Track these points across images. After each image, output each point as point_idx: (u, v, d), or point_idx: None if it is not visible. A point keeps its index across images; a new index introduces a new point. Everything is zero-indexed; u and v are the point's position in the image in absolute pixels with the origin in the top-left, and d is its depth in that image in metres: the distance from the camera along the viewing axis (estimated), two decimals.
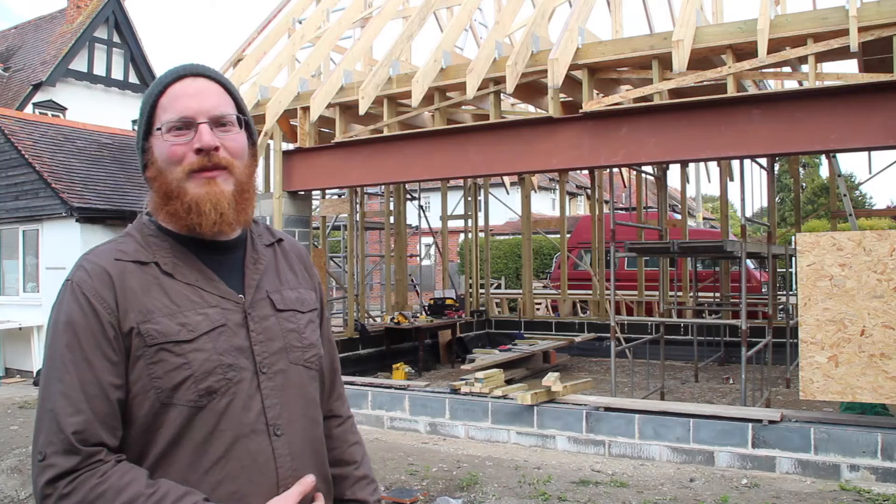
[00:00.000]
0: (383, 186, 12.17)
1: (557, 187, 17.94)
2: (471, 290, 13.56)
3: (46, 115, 15.73)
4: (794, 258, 9.30)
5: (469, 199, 13.60)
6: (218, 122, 1.33)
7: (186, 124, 1.31)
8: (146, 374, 1.24)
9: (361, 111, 7.62)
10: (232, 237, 1.41)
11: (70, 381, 1.21)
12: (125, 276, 1.28)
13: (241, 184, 1.35)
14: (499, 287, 19.80)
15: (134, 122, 19.17)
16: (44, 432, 1.21)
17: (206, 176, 1.31)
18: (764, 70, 6.44)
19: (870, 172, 10.35)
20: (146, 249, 1.33)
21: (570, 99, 8.03)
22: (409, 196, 12.95)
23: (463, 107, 9.05)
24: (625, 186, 16.00)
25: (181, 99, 1.32)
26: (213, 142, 1.31)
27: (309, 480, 1.34)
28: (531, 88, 7.85)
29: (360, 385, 7.95)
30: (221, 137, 1.33)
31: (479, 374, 7.27)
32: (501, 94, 7.65)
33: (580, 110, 6.73)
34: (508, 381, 8.00)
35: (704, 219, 25.58)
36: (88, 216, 10.39)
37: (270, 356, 1.34)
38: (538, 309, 15.43)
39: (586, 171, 15.46)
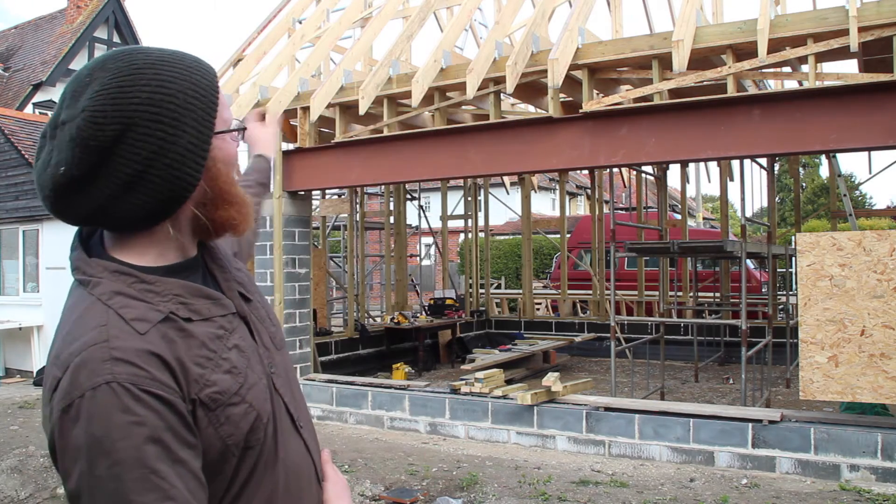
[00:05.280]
0: (383, 186, 12.17)
1: (557, 187, 17.93)
2: (471, 290, 13.56)
3: (46, 115, 15.72)
4: (794, 258, 9.30)
5: (469, 199, 13.60)
6: None
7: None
8: (216, 437, 1.08)
9: (361, 111, 7.62)
10: None
11: (180, 495, 0.99)
12: (166, 347, 1.05)
13: None
14: (499, 287, 19.80)
15: None
16: None
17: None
18: (764, 70, 6.44)
19: (870, 172, 10.36)
20: (149, 303, 1.08)
21: (570, 99, 8.03)
22: (409, 196, 12.94)
23: (463, 107, 9.05)
24: (625, 186, 15.99)
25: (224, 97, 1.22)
26: None
27: (326, 456, 1.36)
28: (531, 88, 7.85)
29: (360, 385, 7.95)
30: None
31: (479, 374, 7.27)
32: (501, 94, 7.65)
33: (580, 110, 6.73)
34: (508, 381, 8.00)
35: (704, 219, 25.58)
36: None
37: (266, 351, 1.24)
38: (538, 309, 15.43)
39: (586, 171, 15.47)
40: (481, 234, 13.80)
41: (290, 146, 8.86)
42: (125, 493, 0.96)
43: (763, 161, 9.73)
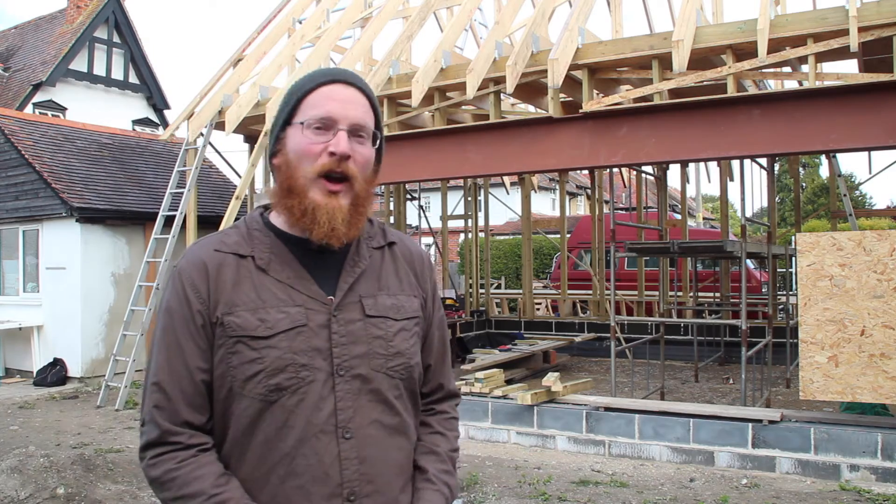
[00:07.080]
0: (383, 186, 12.17)
1: (557, 187, 17.94)
2: (471, 290, 13.55)
3: (46, 115, 15.72)
4: (794, 258, 9.30)
5: (469, 199, 13.60)
6: (356, 132, 1.38)
7: (327, 125, 1.36)
8: (224, 362, 1.34)
9: None
10: None
11: (161, 360, 1.35)
12: (221, 268, 1.37)
13: (358, 198, 1.39)
14: (499, 287, 19.79)
15: (134, 122, 19.25)
16: (143, 402, 1.37)
17: (330, 188, 1.36)
18: (764, 70, 6.44)
19: (870, 172, 10.37)
20: (247, 242, 1.41)
21: (570, 99, 8.04)
22: (409, 196, 12.94)
23: (463, 107, 9.05)
24: (625, 186, 16.00)
25: (331, 101, 1.37)
26: (348, 150, 1.35)
27: None
28: (531, 88, 7.85)
29: None
30: (354, 148, 1.37)
31: (479, 374, 7.27)
32: (501, 94, 7.65)
33: (580, 110, 6.73)
34: (508, 381, 7.99)
35: (704, 219, 25.60)
36: (88, 216, 10.38)
37: (350, 360, 1.37)
38: (538, 309, 15.43)
39: (586, 171, 15.47)
40: (481, 234, 13.79)
41: None
42: (153, 343, 1.40)
43: (763, 161, 9.73)
